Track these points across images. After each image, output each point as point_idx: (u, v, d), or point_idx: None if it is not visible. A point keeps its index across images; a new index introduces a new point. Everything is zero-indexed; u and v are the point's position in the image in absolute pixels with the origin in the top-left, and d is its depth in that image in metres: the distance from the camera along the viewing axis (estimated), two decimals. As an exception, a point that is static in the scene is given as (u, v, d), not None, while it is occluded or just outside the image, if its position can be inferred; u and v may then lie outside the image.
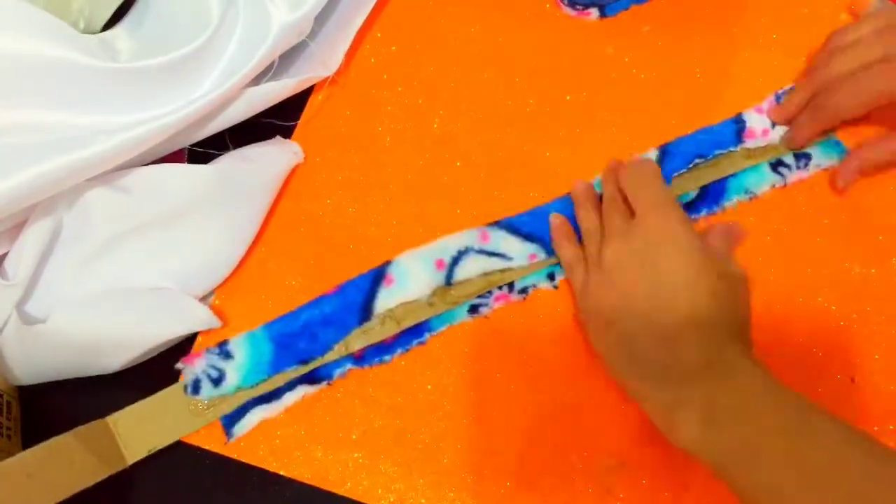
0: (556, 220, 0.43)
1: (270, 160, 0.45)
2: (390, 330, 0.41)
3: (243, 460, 0.41)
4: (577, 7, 0.49)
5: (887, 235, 0.43)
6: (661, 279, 0.36)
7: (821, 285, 0.42)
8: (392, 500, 0.40)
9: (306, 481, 0.40)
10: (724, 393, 0.33)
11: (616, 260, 0.38)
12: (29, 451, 0.35)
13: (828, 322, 0.42)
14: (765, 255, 0.43)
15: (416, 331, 0.42)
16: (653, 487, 0.39)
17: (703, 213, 0.44)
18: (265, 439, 0.41)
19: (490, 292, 0.43)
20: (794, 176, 0.44)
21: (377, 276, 0.43)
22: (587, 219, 0.42)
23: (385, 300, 0.42)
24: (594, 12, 0.49)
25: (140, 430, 0.40)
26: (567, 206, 0.44)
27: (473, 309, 0.43)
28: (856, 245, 0.43)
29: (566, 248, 0.42)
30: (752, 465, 0.31)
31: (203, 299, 0.43)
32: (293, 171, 0.46)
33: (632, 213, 0.39)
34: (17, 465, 0.34)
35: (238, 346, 0.42)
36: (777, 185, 0.44)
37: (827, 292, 0.42)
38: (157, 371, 0.42)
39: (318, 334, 0.41)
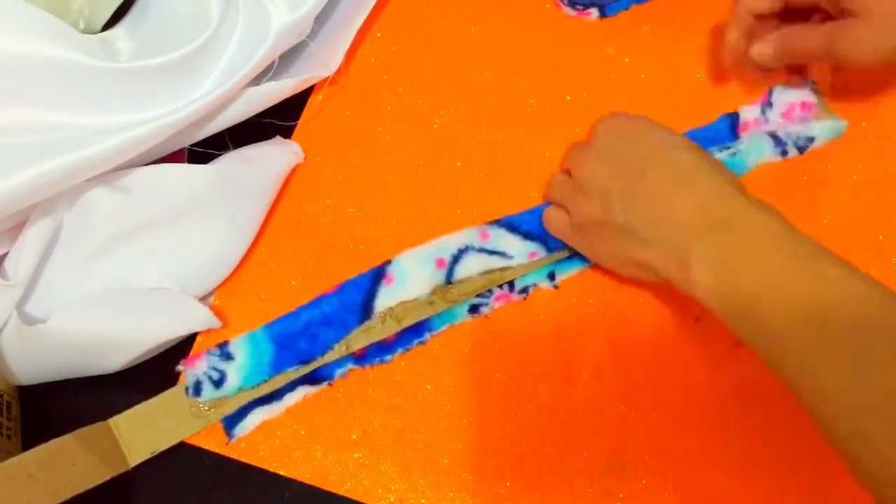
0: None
1: (270, 160, 0.45)
2: (391, 329, 0.41)
3: (243, 460, 0.41)
4: (577, 7, 0.49)
5: (887, 235, 0.43)
6: (636, 153, 0.38)
7: (821, 285, 0.42)
8: (392, 500, 0.40)
9: (306, 481, 0.40)
10: (739, 241, 0.33)
11: (587, 167, 0.40)
12: (30, 452, 0.35)
13: (828, 322, 0.42)
14: (765, 255, 0.43)
15: (417, 330, 0.42)
16: (653, 487, 0.39)
17: None
18: (265, 439, 0.41)
19: (490, 291, 0.43)
20: (794, 153, 0.44)
21: (377, 276, 0.43)
22: (559, 179, 0.43)
23: (385, 299, 0.42)
24: (594, 12, 0.49)
25: (142, 432, 0.40)
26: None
27: (474, 308, 0.43)
28: (856, 245, 0.43)
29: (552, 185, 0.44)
30: (752, 316, 0.32)
31: (203, 299, 0.43)
32: (293, 171, 0.46)
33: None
34: (19, 465, 0.34)
35: (238, 347, 0.42)
36: (777, 160, 0.44)
37: (827, 292, 0.42)
38: (157, 372, 0.42)
39: (319, 334, 0.41)
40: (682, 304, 0.42)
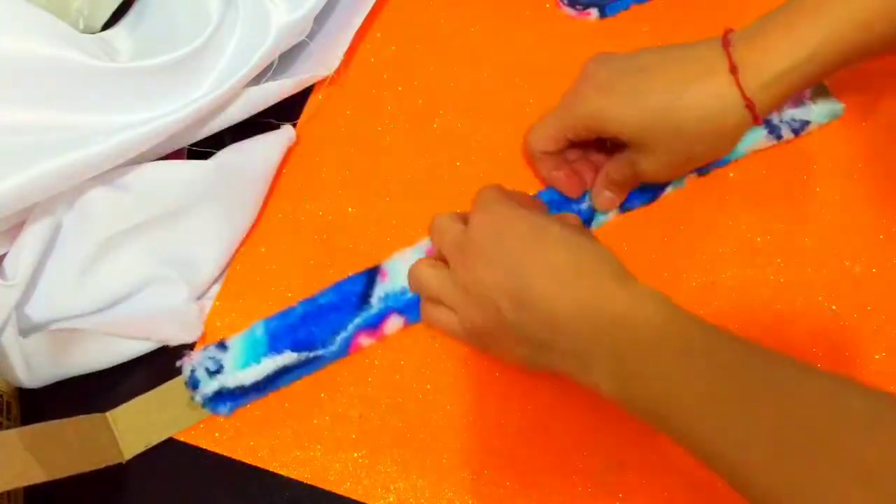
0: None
1: (264, 147, 0.45)
2: None
3: (243, 460, 0.41)
4: (577, 7, 0.49)
5: (887, 235, 0.43)
6: (512, 253, 0.36)
7: (821, 285, 0.42)
8: (392, 499, 0.40)
9: (306, 481, 0.40)
10: (620, 344, 0.33)
11: (461, 272, 0.38)
12: (29, 427, 0.35)
13: (828, 322, 0.42)
14: (765, 254, 0.43)
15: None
16: (653, 487, 0.39)
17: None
18: (265, 439, 0.41)
19: None
20: (790, 135, 0.44)
21: (372, 274, 0.43)
22: (438, 276, 0.40)
23: (381, 291, 0.42)
24: (594, 12, 0.49)
25: (138, 425, 0.40)
26: (550, 195, 0.44)
27: None
28: (856, 245, 0.43)
29: (417, 274, 0.41)
30: (665, 416, 0.31)
31: (203, 300, 0.44)
32: (293, 172, 0.46)
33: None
34: (17, 437, 0.34)
35: (235, 340, 0.42)
36: (773, 143, 0.44)
37: (827, 292, 0.42)
38: (157, 373, 0.42)
39: (316, 324, 0.42)
40: (681, 304, 0.42)
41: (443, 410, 0.41)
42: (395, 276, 0.42)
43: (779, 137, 0.44)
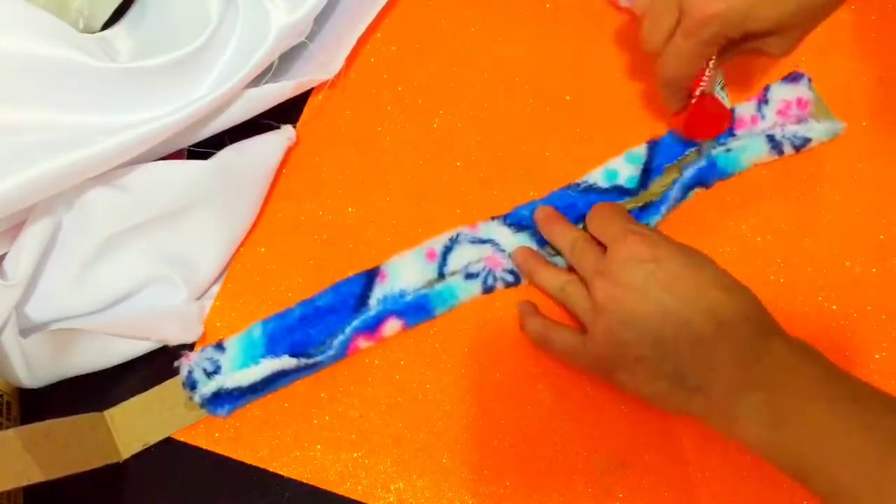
0: (523, 253, 0.42)
1: (264, 147, 0.45)
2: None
3: (243, 460, 0.41)
4: None
5: (887, 235, 0.43)
6: (665, 296, 0.35)
7: (821, 285, 0.42)
8: (392, 499, 0.40)
9: (306, 481, 0.40)
10: (784, 393, 0.33)
11: (609, 297, 0.37)
12: (26, 426, 0.35)
13: (828, 322, 0.42)
14: (765, 254, 0.43)
15: (424, 307, 0.42)
16: (653, 487, 0.39)
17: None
18: (265, 439, 0.41)
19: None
20: (791, 151, 0.44)
21: (371, 275, 0.43)
22: (564, 233, 0.41)
23: (380, 293, 0.42)
24: None
25: (135, 425, 0.41)
26: (556, 200, 0.44)
27: (470, 276, 0.43)
28: (856, 245, 0.43)
29: (548, 276, 0.41)
30: (819, 468, 0.31)
31: (203, 300, 0.44)
32: (293, 172, 0.46)
33: (603, 249, 0.39)
34: (15, 437, 0.34)
35: (233, 342, 0.42)
36: (773, 158, 0.44)
37: (827, 292, 0.42)
38: (157, 373, 0.42)
39: (314, 326, 0.42)
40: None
41: (443, 410, 0.41)
42: (395, 278, 0.42)
43: (780, 153, 0.44)
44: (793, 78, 0.46)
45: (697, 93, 0.40)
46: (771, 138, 0.44)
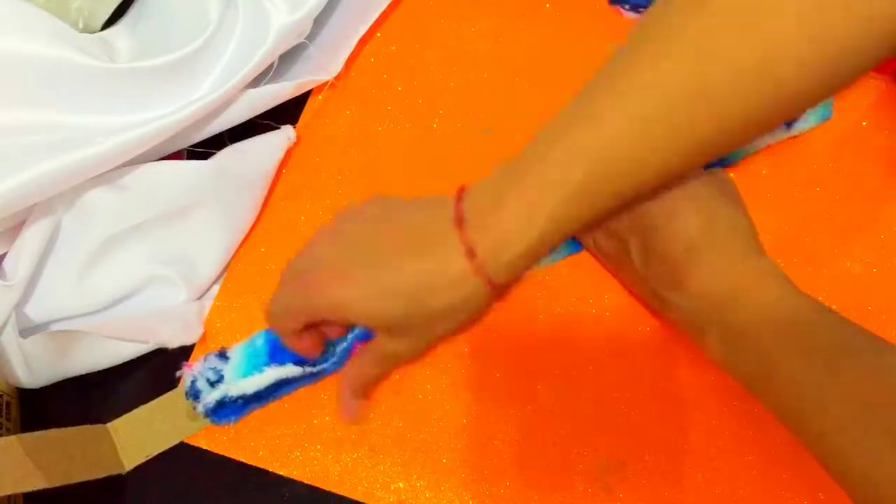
0: None
1: (264, 147, 0.45)
2: None
3: (243, 460, 0.41)
4: (640, 10, 0.48)
5: (888, 235, 0.43)
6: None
7: (821, 285, 0.42)
8: (392, 500, 0.40)
9: (306, 481, 0.40)
10: (736, 316, 0.34)
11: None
12: (30, 434, 0.35)
13: (828, 322, 0.42)
14: (765, 254, 0.43)
15: None
16: (653, 487, 0.39)
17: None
18: (265, 439, 0.41)
19: None
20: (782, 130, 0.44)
21: None
22: None
23: None
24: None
25: (138, 436, 0.40)
26: None
27: None
28: (856, 245, 0.43)
29: None
30: (768, 389, 0.33)
31: (203, 300, 0.43)
32: (293, 172, 0.46)
33: None
34: (18, 443, 0.34)
35: (236, 350, 0.42)
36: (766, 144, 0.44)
37: (827, 292, 0.42)
38: (157, 374, 0.42)
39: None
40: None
41: (443, 410, 0.41)
42: None
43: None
44: None
45: None
46: None
